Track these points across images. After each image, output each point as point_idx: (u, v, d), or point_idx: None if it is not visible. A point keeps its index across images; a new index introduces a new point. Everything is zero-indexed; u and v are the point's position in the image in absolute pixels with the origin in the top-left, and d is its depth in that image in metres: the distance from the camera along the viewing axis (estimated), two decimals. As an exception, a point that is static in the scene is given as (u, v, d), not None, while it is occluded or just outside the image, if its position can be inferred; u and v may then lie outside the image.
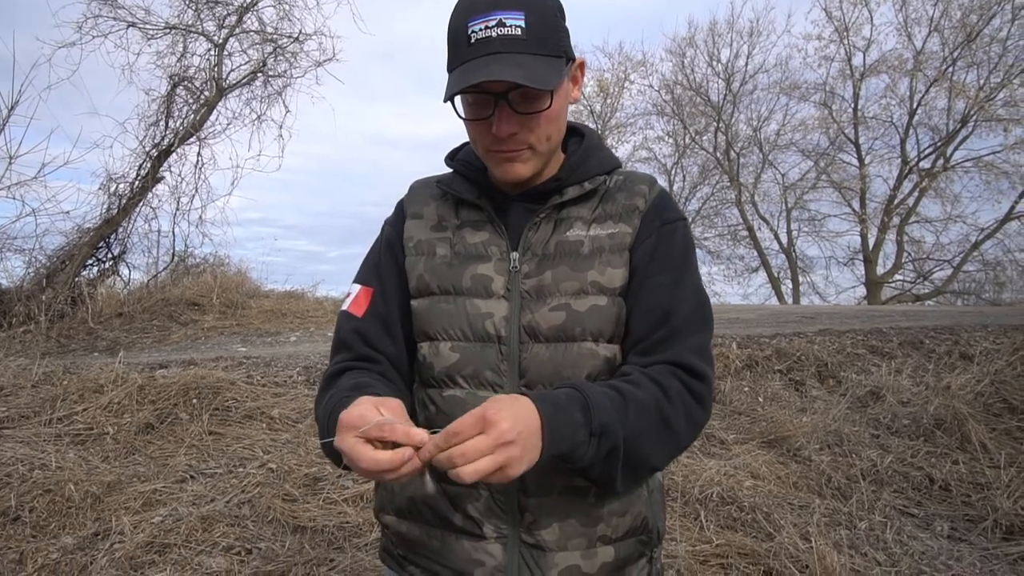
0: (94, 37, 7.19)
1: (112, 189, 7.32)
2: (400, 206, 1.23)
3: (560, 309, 1.06)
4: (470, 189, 1.15)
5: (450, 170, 1.21)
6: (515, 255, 1.10)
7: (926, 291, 18.65)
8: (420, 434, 0.84)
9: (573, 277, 1.08)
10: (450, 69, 1.04)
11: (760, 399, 4.74)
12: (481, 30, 0.99)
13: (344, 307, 1.18)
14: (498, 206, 1.14)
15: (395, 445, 0.85)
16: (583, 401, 0.93)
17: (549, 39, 1.02)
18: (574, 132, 1.20)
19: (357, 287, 1.19)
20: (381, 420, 0.84)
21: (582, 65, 1.12)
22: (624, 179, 1.17)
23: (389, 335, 1.15)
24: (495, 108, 1.02)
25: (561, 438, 0.89)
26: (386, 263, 1.18)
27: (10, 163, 6.70)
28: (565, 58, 1.05)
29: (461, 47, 1.01)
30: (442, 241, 1.15)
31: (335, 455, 0.92)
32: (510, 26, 0.99)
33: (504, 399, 0.87)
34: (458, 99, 1.05)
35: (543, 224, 1.12)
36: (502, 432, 0.82)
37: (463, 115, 1.06)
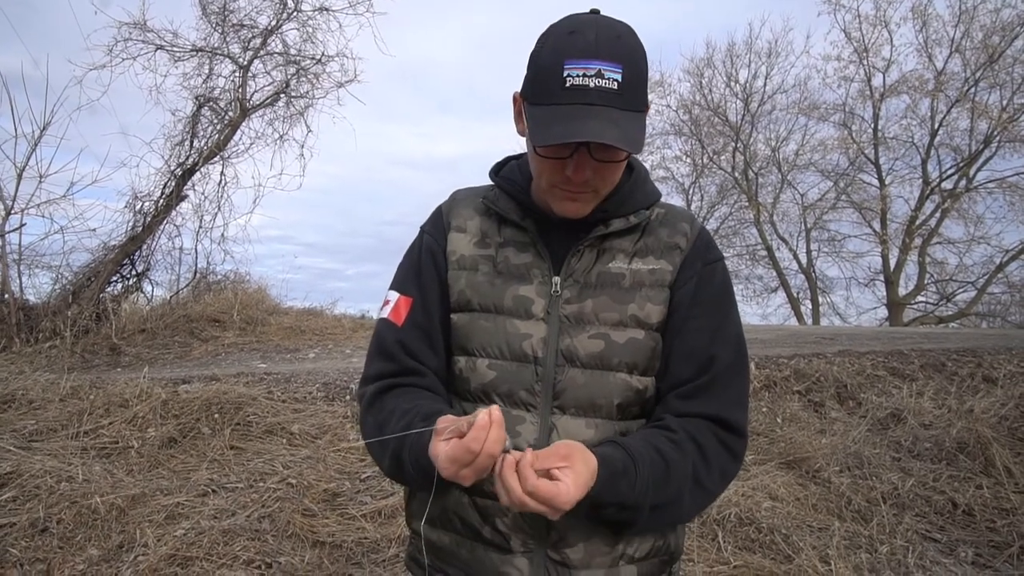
0: (124, 60, 7.43)
1: (137, 207, 7.50)
2: (440, 214, 1.23)
3: (599, 338, 1.09)
4: (514, 209, 1.16)
5: (492, 182, 1.21)
6: (557, 279, 1.12)
7: (950, 313, 18.35)
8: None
9: (614, 308, 1.10)
10: (534, 102, 1.03)
11: (778, 420, 4.70)
12: (579, 76, 0.98)
13: (384, 315, 1.19)
14: (541, 228, 1.15)
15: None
16: (633, 479, 0.99)
17: (639, 93, 1.02)
18: None
19: (395, 295, 1.19)
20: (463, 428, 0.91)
21: (647, 108, 1.12)
22: (666, 214, 1.19)
23: (430, 346, 1.16)
24: (574, 152, 1.02)
25: (596, 500, 0.96)
26: (427, 273, 1.18)
27: (40, 182, 6.89)
28: (646, 109, 1.06)
29: (553, 87, 1.00)
30: (485, 259, 1.16)
31: (414, 479, 1.05)
32: (608, 79, 0.98)
33: (584, 460, 0.94)
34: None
35: (586, 252, 1.13)
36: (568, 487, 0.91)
37: (538, 151, 1.04)
